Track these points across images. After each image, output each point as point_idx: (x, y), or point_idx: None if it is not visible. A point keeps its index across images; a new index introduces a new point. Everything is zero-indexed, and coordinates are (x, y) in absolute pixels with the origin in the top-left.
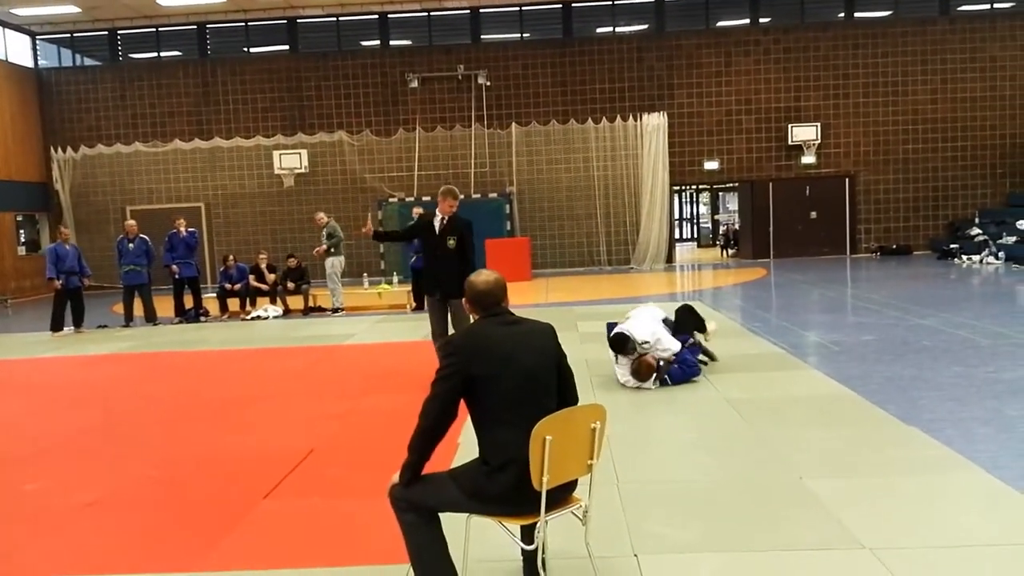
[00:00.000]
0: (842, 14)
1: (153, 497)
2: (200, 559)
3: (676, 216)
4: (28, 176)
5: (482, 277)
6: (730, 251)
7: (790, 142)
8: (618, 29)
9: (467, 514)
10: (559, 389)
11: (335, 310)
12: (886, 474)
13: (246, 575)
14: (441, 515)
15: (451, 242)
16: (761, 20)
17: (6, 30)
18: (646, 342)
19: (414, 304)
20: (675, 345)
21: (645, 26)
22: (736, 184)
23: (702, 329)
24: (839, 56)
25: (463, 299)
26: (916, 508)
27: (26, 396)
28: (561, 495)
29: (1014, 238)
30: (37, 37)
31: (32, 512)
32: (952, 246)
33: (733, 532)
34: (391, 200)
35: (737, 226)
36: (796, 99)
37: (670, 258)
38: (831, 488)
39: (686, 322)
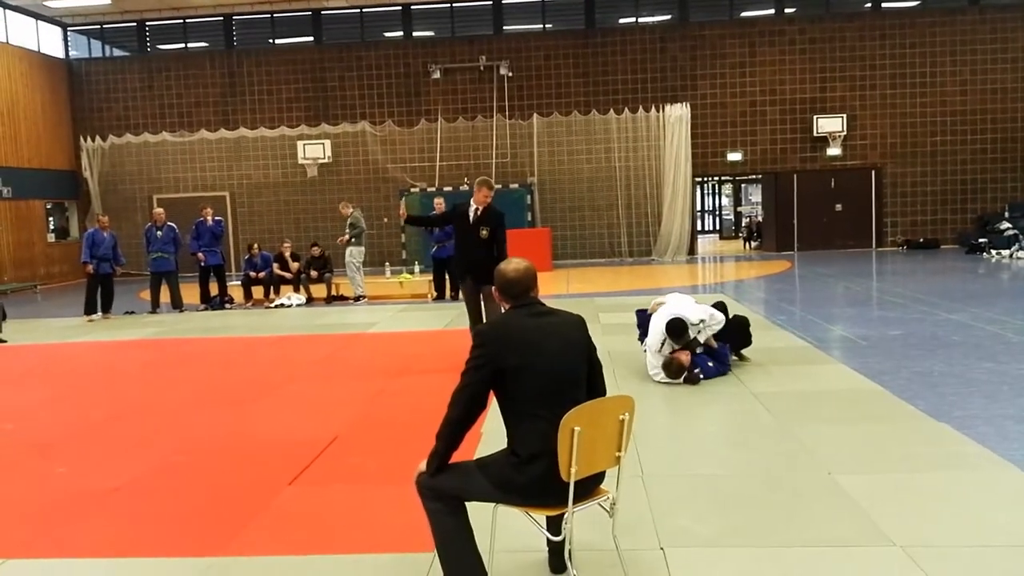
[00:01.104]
0: (869, 4)
1: (179, 482)
2: (225, 544)
3: (698, 208)
4: (58, 164)
5: (512, 265)
6: (753, 243)
7: (815, 134)
8: (641, 19)
9: (494, 504)
10: (588, 381)
11: (357, 298)
12: (917, 470)
13: (272, 560)
14: (467, 504)
15: (484, 232)
16: (787, 10)
17: (39, 22)
18: (702, 320)
19: (435, 294)
20: (722, 319)
21: (668, 16)
22: (760, 176)
23: (743, 346)
24: (866, 47)
25: (493, 288)
26: (948, 505)
27: (55, 381)
28: (589, 487)
29: None
30: (68, 28)
31: (63, 495)
32: (981, 240)
33: (760, 527)
34: (413, 190)
35: (760, 218)
36: (821, 90)
37: (692, 250)
38: (860, 484)
39: (735, 333)
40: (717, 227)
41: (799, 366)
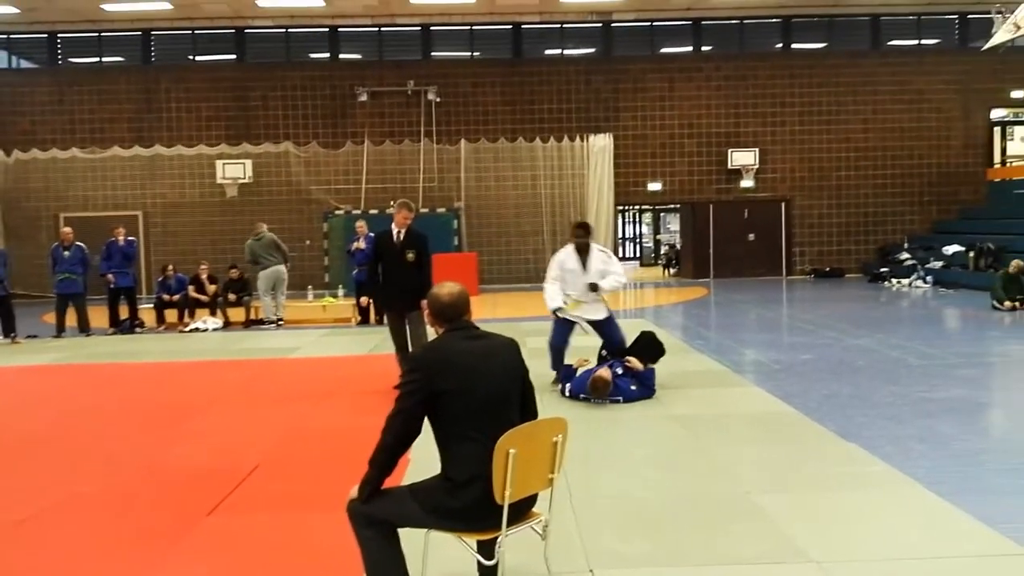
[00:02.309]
0: (780, 45)
1: (89, 515)
2: None
3: (620, 235)
4: None
5: (446, 289)
6: (671, 270)
7: (730, 166)
8: (567, 51)
9: (426, 529)
10: (521, 404)
11: (275, 322)
12: (830, 489)
13: None
14: (400, 530)
15: (410, 255)
16: (703, 48)
17: None
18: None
19: (359, 318)
20: (618, 266)
21: (593, 49)
22: (678, 205)
23: (657, 359)
24: (776, 85)
25: (425, 311)
26: (860, 522)
27: None
28: (522, 509)
29: (941, 263)
30: None
31: None
32: (883, 270)
33: (685, 547)
34: (337, 212)
35: (678, 246)
36: (736, 125)
37: None
38: (777, 502)
39: (646, 349)
40: (638, 254)
41: (717, 389)
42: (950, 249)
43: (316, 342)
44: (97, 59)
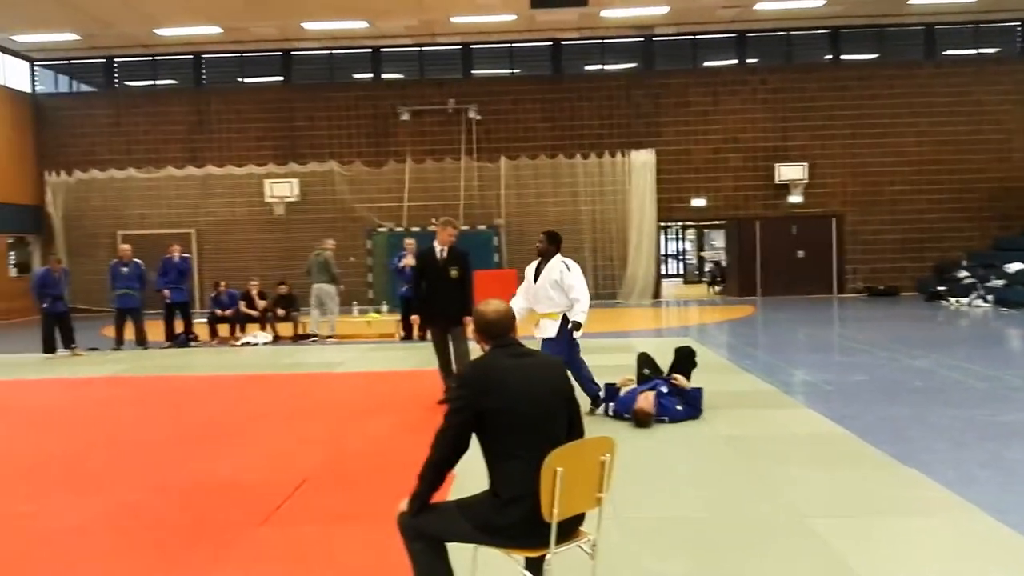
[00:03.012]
0: (829, 56)
1: (146, 522)
2: None
3: (663, 252)
4: (21, 199)
5: (491, 307)
6: (716, 288)
7: (777, 181)
8: (607, 67)
9: (475, 545)
10: (568, 422)
11: (316, 336)
12: (887, 514)
13: None
14: (449, 544)
15: (453, 272)
16: (748, 60)
17: (5, 56)
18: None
19: (403, 333)
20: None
21: (634, 64)
22: (723, 222)
23: (688, 374)
24: (825, 97)
25: (471, 328)
26: (919, 549)
27: (17, 417)
28: (570, 528)
29: (1002, 281)
30: (35, 63)
31: (26, 534)
32: (940, 288)
33: (734, 569)
34: (380, 230)
35: (724, 263)
36: (783, 139)
37: (657, 293)
38: (831, 527)
39: (686, 362)
40: (681, 272)
41: (766, 410)
42: (1012, 267)
43: (361, 357)
44: (151, 82)
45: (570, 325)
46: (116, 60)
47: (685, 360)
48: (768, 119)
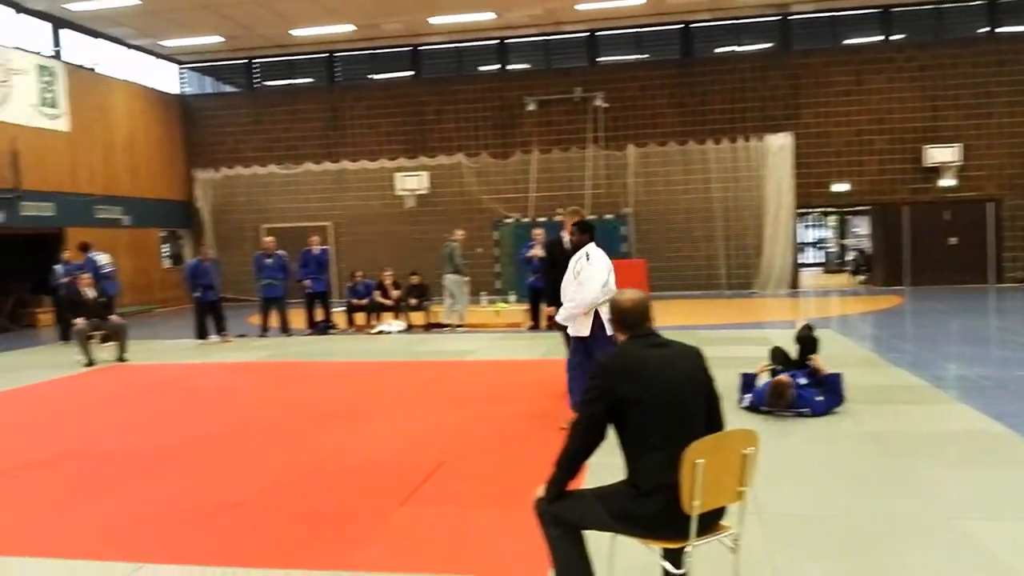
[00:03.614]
0: (985, 28)
1: (296, 498)
2: (345, 560)
3: (801, 240)
4: (173, 195)
5: (627, 296)
6: (860, 277)
7: (926, 164)
8: (740, 48)
9: (612, 534)
10: (707, 414)
11: (446, 326)
12: None
13: None
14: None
15: None
16: (894, 37)
17: (156, 60)
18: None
19: (531, 323)
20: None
21: (769, 44)
22: (867, 207)
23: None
24: (980, 74)
25: (607, 318)
26: None
27: (176, 398)
28: (710, 521)
29: None
30: (183, 66)
31: (190, 507)
32: None
33: (882, 571)
34: (507, 221)
35: (867, 251)
36: (933, 119)
37: (795, 283)
38: (989, 530)
39: (807, 347)
40: (821, 260)
41: (916, 405)
42: None
43: (490, 345)
44: (288, 81)
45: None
46: (256, 61)
47: (810, 344)
48: (916, 98)
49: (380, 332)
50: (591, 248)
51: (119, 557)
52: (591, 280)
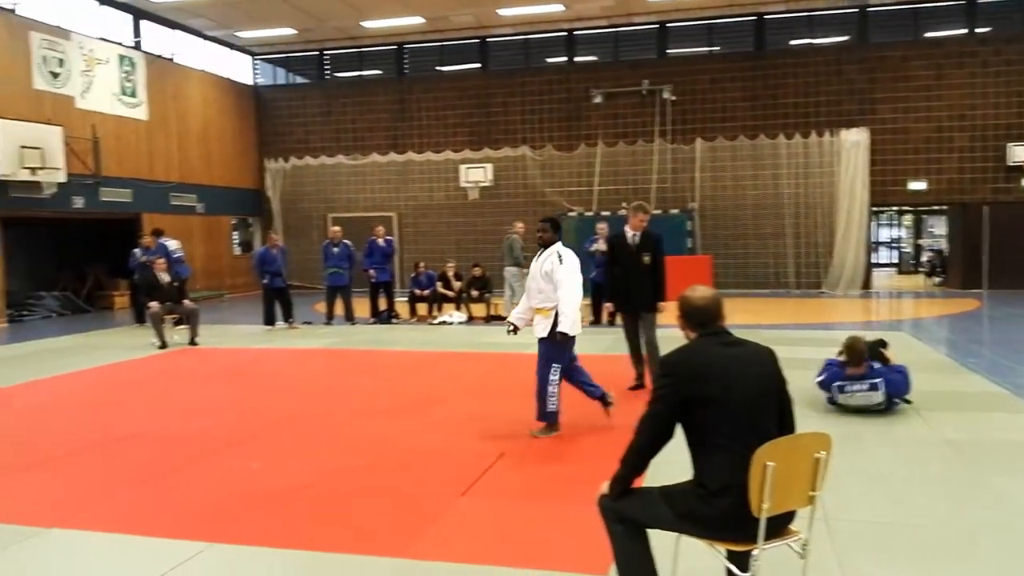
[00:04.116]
0: None
1: (360, 485)
2: (407, 547)
3: (874, 239)
4: (244, 183)
5: (698, 292)
6: (935, 279)
7: (1010, 162)
8: (815, 41)
9: (677, 533)
10: (779, 416)
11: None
12: None
13: (452, 567)
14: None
15: (646, 258)
16: (978, 30)
17: (231, 51)
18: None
19: (592, 317)
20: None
21: (846, 37)
22: (945, 207)
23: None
24: None
25: (676, 315)
26: None
27: (246, 383)
28: (779, 525)
29: None
30: (256, 57)
31: (258, 489)
32: None
33: None
34: (570, 214)
35: (944, 252)
36: (1019, 115)
37: (867, 284)
38: None
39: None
40: (895, 260)
41: (995, 413)
42: None
43: None
44: (358, 73)
45: (558, 331)
46: (327, 52)
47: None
48: (1001, 94)
49: (442, 323)
50: (560, 247)
51: (187, 536)
52: (570, 282)
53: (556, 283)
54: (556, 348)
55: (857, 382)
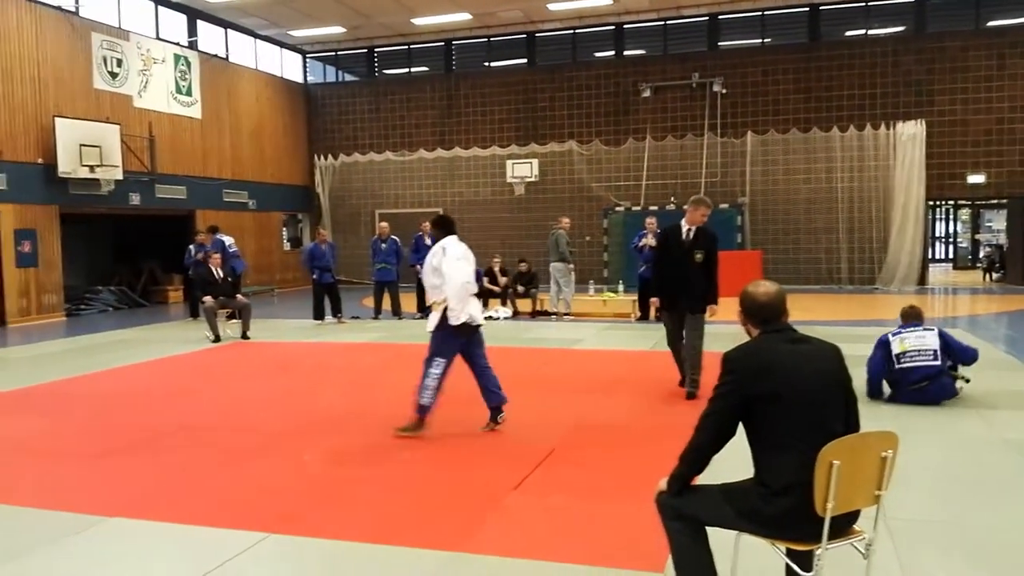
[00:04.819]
0: None
1: (415, 478)
2: (462, 541)
3: (930, 234)
4: (294, 180)
5: (762, 288)
6: (994, 275)
7: None
8: (871, 31)
9: (737, 532)
10: (844, 415)
11: (563, 314)
12: None
13: (506, 561)
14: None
15: (699, 256)
16: None
17: (282, 50)
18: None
19: (639, 314)
20: None
21: (902, 27)
22: (1005, 201)
23: None
24: None
25: (740, 311)
26: None
27: (294, 375)
28: (842, 525)
29: None
30: (307, 55)
31: (314, 481)
32: None
33: None
34: (617, 209)
35: (1004, 247)
36: None
37: (922, 279)
38: None
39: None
40: (951, 256)
41: None
42: None
43: (598, 335)
44: (406, 70)
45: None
46: (376, 50)
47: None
48: None
49: (488, 318)
50: (447, 241)
51: (244, 526)
52: (450, 271)
53: (444, 276)
54: (444, 341)
55: (911, 328)
